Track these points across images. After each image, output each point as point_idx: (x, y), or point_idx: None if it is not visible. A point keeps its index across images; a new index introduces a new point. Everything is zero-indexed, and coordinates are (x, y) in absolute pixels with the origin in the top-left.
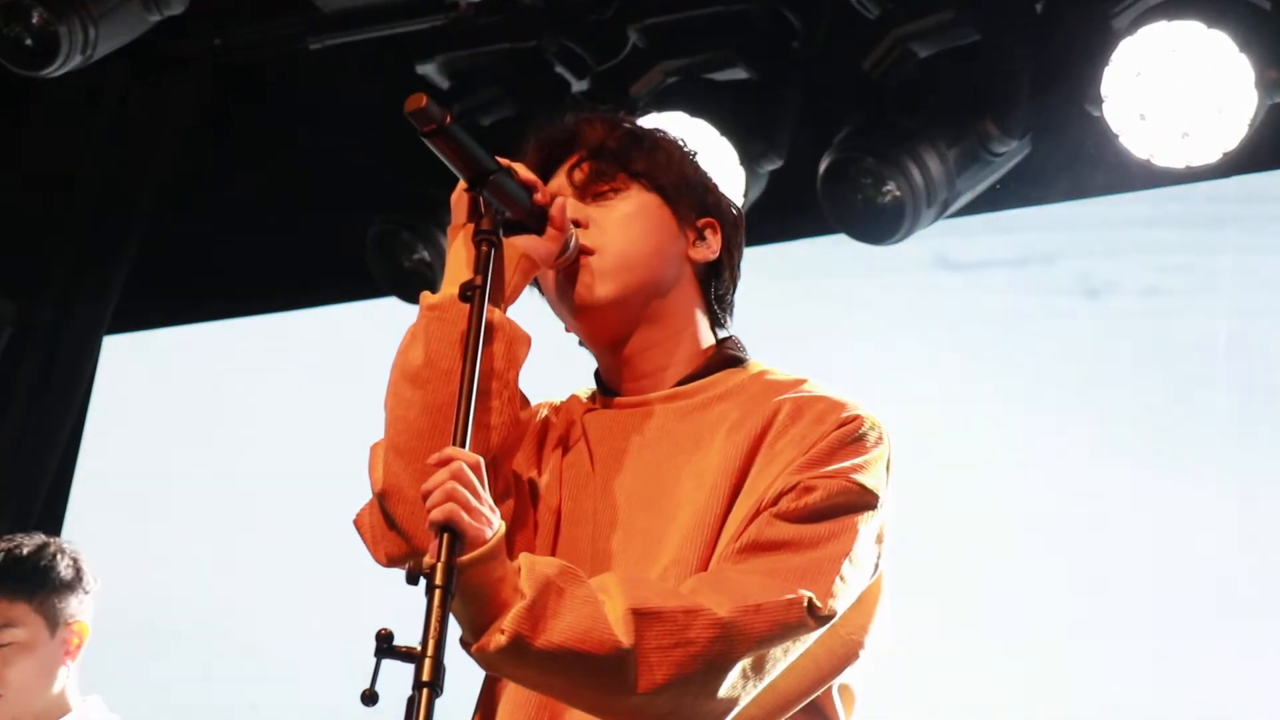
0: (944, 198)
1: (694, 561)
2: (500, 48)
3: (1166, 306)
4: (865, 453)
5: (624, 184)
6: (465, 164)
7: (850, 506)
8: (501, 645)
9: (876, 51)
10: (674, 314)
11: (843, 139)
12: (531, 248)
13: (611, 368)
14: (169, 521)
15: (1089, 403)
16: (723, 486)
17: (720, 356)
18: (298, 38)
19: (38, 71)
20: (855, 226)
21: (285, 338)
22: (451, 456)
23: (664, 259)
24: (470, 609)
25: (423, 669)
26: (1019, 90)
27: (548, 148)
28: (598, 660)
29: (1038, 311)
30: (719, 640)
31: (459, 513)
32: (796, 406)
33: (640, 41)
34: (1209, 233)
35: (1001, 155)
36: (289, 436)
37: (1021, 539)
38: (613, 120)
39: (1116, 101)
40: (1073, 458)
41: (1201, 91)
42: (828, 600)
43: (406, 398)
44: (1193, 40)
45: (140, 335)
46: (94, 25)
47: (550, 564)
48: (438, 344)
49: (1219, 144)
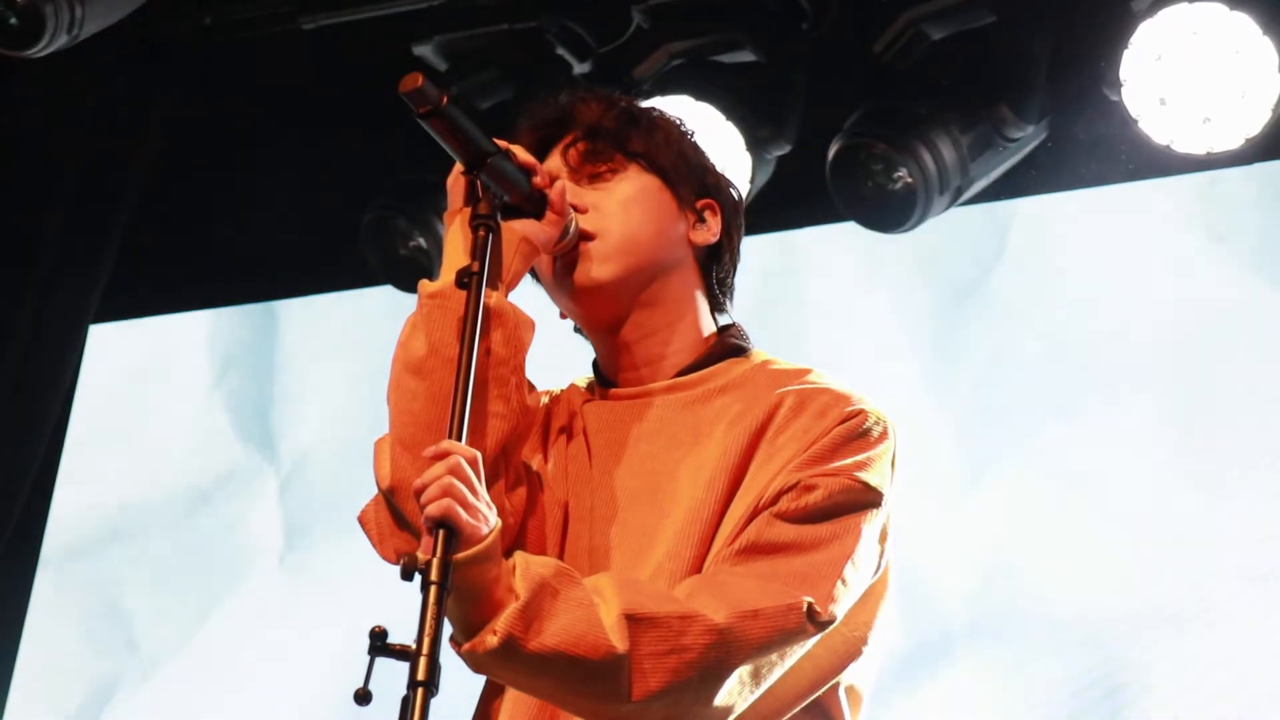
0: (957, 184)
1: (688, 557)
2: (499, 28)
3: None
4: (869, 449)
5: (621, 165)
6: (462, 146)
7: (853, 505)
8: (493, 646)
9: (888, 34)
10: (674, 298)
11: (853, 124)
12: (531, 232)
13: (609, 356)
14: (158, 515)
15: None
16: (720, 480)
17: (722, 345)
18: (290, 17)
19: (23, 52)
20: (865, 214)
21: (277, 326)
22: (448, 450)
23: (666, 242)
24: (463, 608)
25: (418, 667)
26: (1035, 74)
27: (542, 128)
28: (590, 665)
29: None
30: (715, 647)
31: (455, 509)
32: (799, 399)
33: (644, 22)
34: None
35: (1017, 141)
36: (285, 430)
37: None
38: (609, 99)
39: (1136, 86)
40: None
41: (1223, 75)
42: (828, 605)
43: (410, 389)
44: (1214, 23)
45: (128, 324)
46: (80, 4)
47: (545, 564)
48: (440, 332)
49: (1241, 130)
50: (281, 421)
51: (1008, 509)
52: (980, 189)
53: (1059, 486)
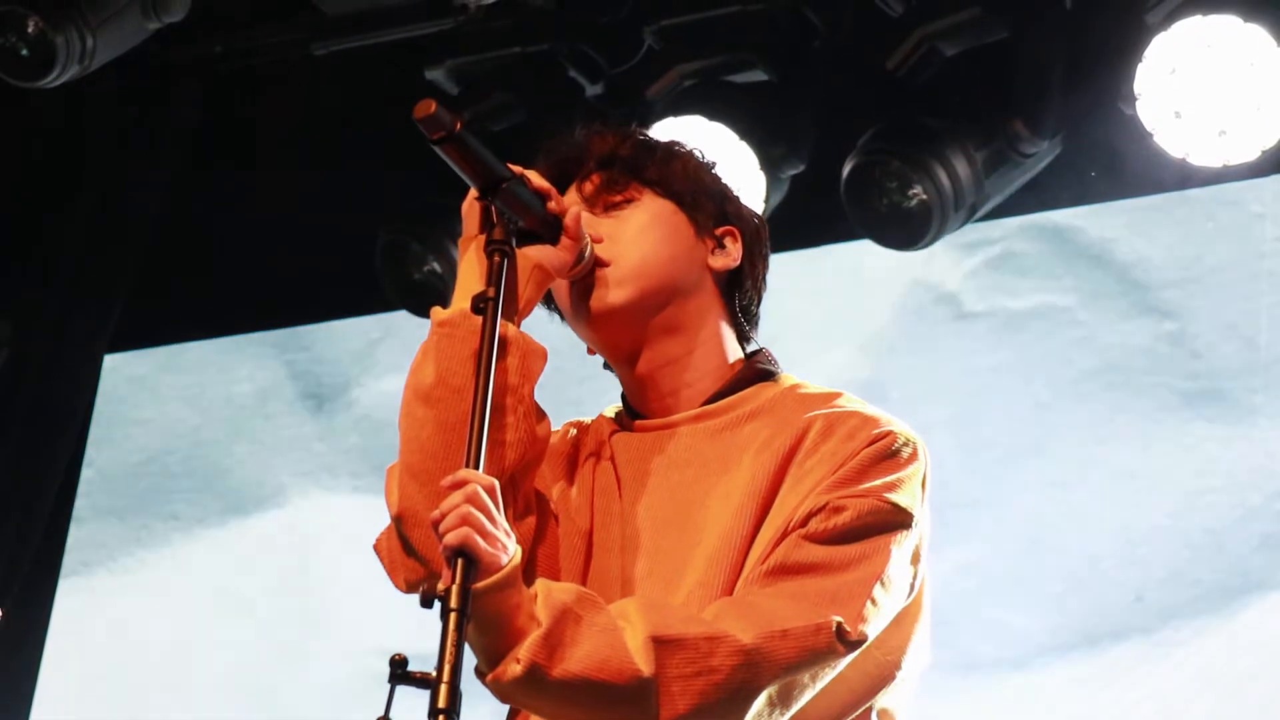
0: (972, 201)
1: (720, 584)
2: (511, 51)
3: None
4: (899, 470)
5: (637, 193)
6: (476, 172)
7: (882, 526)
8: (517, 675)
9: (901, 50)
10: (694, 325)
11: (867, 141)
12: (545, 258)
13: (634, 386)
14: (172, 545)
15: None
16: (750, 506)
17: (750, 371)
18: (301, 44)
19: (34, 82)
20: (880, 232)
21: (292, 352)
22: (466, 479)
23: (681, 265)
24: (485, 638)
25: (438, 696)
26: (1049, 89)
27: (558, 164)
28: (617, 690)
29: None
30: (743, 668)
31: (474, 538)
32: (828, 423)
33: (656, 43)
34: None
35: (1032, 156)
36: (291, 449)
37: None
38: (623, 131)
39: (1150, 99)
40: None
41: (1238, 88)
42: (858, 625)
43: (419, 417)
44: (1229, 35)
45: (142, 353)
46: (92, 34)
47: (567, 590)
48: (448, 361)
49: (1257, 142)
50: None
51: None
52: (995, 205)
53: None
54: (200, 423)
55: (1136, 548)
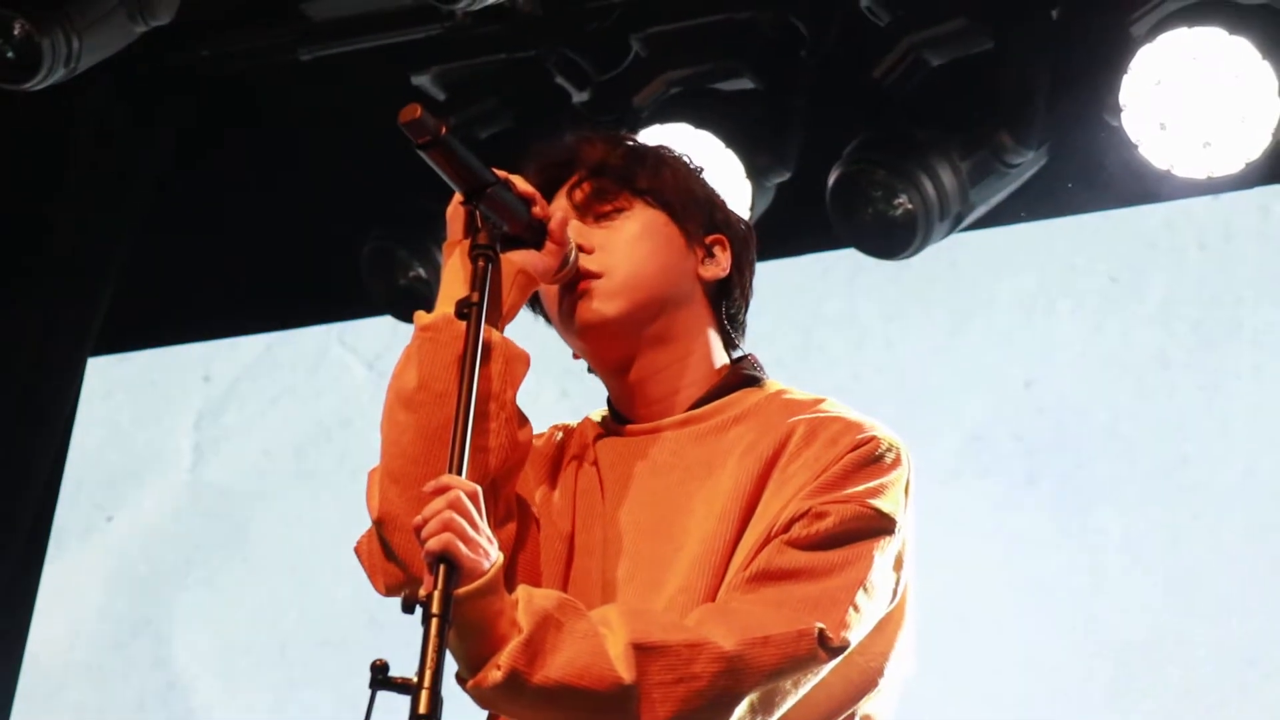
0: (957, 211)
1: (702, 589)
2: (498, 58)
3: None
4: (882, 475)
5: (628, 202)
6: (461, 176)
7: (865, 532)
8: (497, 681)
9: (887, 60)
10: (684, 335)
11: (852, 150)
12: (529, 263)
13: (622, 394)
14: (153, 551)
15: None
16: (733, 512)
17: (735, 376)
18: (288, 48)
19: (19, 85)
20: (865, 241)
21: (277, 357)
22: (448, 485)
23: (673, 276)
24: (466, 644)
25: (419, 701)
26: (1035, 100)
27: (547, 169)
28: (597, 697)
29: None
30: (724, 675)
31: (456, 544)
32: (811, 428)
33: (642, 51)
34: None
35: (1017, 166)
36: (282, 458)
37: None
38: (614, 138)
39: (1135, 111)
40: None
41: (1223, 100)
42: (840, 631)
43: (400, 422)
44: (1214, 47)
45: (126, 357)
46: (78, 37)
47: (548, 596)
48: (430, 366)
49: (1241, 154)
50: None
51: None
52: (980, 215)
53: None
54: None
55: None
